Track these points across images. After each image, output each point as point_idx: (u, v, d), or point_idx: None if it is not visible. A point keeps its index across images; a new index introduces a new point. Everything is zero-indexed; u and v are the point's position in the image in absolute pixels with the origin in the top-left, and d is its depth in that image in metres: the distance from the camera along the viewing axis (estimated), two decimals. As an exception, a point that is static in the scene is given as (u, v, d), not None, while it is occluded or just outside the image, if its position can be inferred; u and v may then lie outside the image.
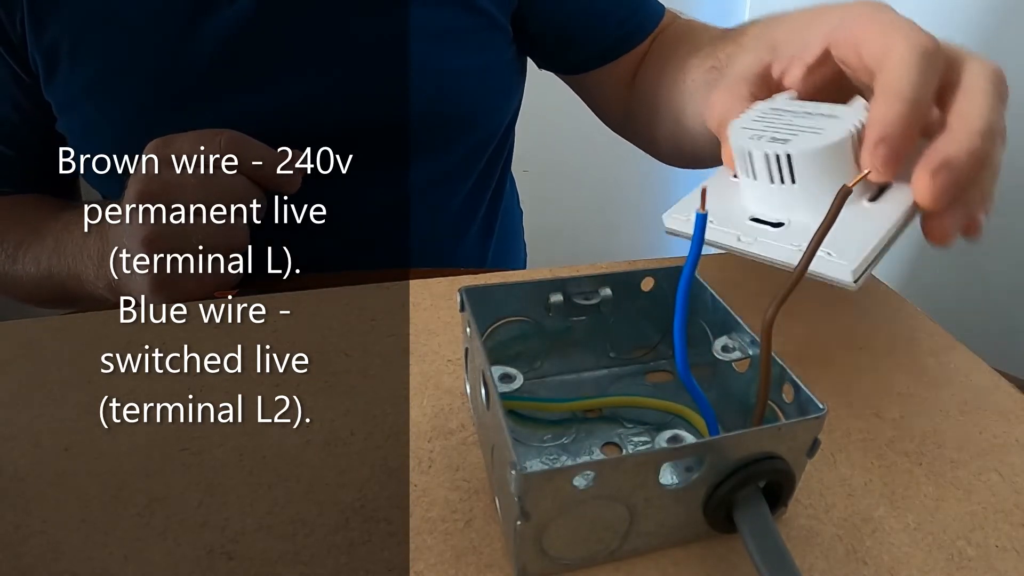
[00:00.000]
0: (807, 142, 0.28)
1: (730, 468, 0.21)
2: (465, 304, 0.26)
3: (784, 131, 0.29)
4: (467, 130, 0.54)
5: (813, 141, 0.28)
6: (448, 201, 0.57)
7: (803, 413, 0.22)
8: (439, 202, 0.56)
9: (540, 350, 0.30)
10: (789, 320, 0.35)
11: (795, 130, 0.29)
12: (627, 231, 1.53)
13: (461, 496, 0.25)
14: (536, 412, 0.28)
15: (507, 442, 0.20)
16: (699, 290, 0.28)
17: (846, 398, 0.30)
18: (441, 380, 0.31)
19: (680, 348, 0.24)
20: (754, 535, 0.21)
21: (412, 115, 0.50)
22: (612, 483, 0.20)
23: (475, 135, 0.56)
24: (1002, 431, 0.29)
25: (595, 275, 0.29)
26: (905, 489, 0.26)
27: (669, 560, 0.23)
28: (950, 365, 0.33)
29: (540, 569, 0.22)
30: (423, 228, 0.56)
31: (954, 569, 0.23)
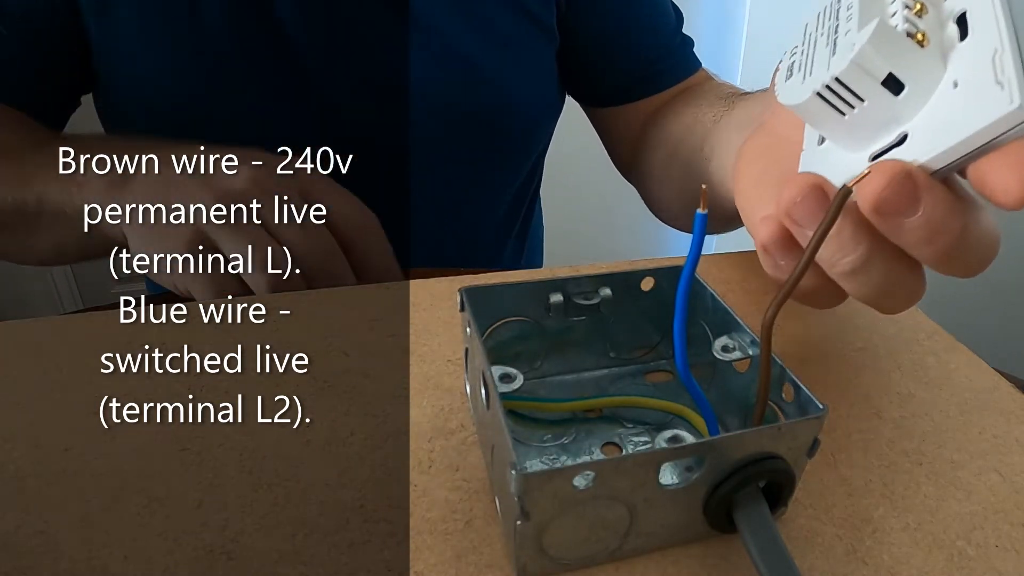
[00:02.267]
0: (841, 52, 0.22)
1: (730, 468, 0.21)
2: (465, 304, 0.26)
3: (816, 56, 0.24)
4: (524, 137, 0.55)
5: (845, 50, 0.22)
6: (495, 206, 0.57)
7: (803, 413, 0.22)
8: (487, 206, 0.57)
9: (540, 350, 0.30)
10: (789, 320, 0.35)
11: (824, 45, 0.23)
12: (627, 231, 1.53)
13: (461, 496, 0.25)
14: (536, 412, 0.28)
15: (507, 442, 0.20)
16: (699, 290, 0.28)
17: (846, 398, 0.30)
18: (441, 380, 0.31)
19: (680, 348, 0.24)
20: (754, 535, 0.21)
21: (468, 119, 0.50)
22: (612, 483, 0.20)
23: (529, 143, 0.56)
24: (1002, 431, 0.29)
25: (595, 275, 0.29)
26: (905, 489, 0.26)
27: (669, 560, 0.23)
28: (950, 365, 0.33)
29: (540, 569, 0.22)
30: (468, 233, 0.57)
31: (954, 569, 0.23)
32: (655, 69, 0.55)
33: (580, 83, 0.58)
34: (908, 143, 0.21)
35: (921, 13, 0.22)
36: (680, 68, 0.56)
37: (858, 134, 0.23)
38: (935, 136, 0.20)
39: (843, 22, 0.23)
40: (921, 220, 0.20)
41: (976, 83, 0.20)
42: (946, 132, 0.20)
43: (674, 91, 0.56)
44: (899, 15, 0.21)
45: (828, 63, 0.22)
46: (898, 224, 0.20)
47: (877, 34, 0.21)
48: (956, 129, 0.20)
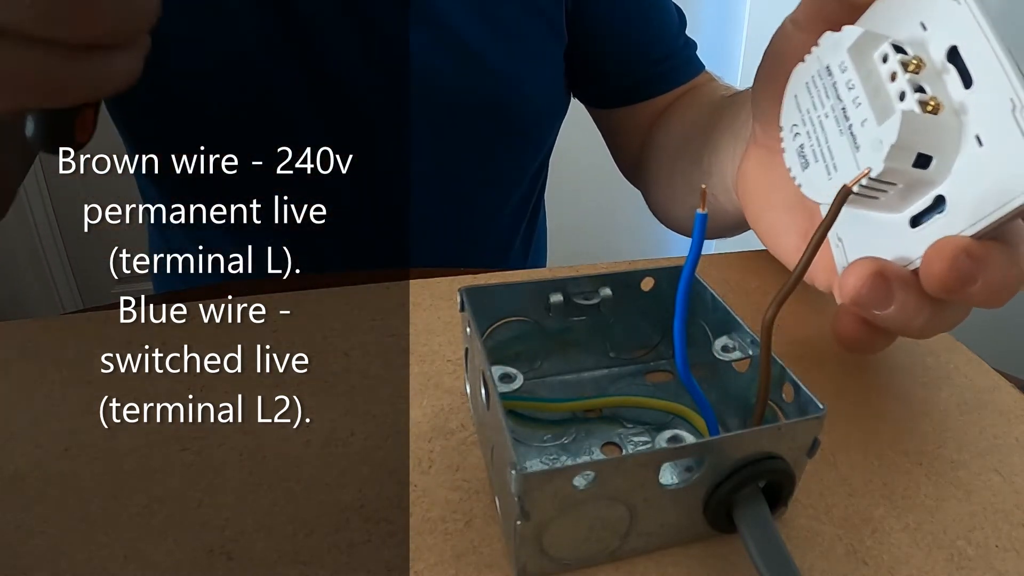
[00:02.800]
0: (868, 151, 0.22)
1: (730, 468, 0.21)
2: (465, 304, 0.26)
3: (832, 146, 0.24)
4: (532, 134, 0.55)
5: (873, 150, 0.22)
6: (502, 206, 0.57)
7: (803, 413, 0.22)
8: (494, 207, 0.57)
9: (540, 350, 0.30)
10: (789, 320, 0.35)
11: (839, 133, 0.23)
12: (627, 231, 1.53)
13: (461, 496, 0.25)
14: (536, 412, 0.28)
15: (507, 442, 0.20)
16: (699, 290, 0.28)
17: (846, 398, 0.30)
18: (441, 380, 0.31)
19: (680, 348, 0.24)
20: (754, 535, 0.21)
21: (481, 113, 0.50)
22: (612, 483, 0.20)
23: (536, 139, 0.56)
24: (1002, 431, 0.29)
25: (595, 275, 0.29)
26: (905, 489, 0.26)
27: (669, 560, 0.23)
28: (950, 365, 0.33)
29: (540, 569, 0.22)
30: (473, 234, 0.57)
31: (954, 569, 0.23)
32: (658, 70, 0.55)
33: (585, 84, 0.58)
34: (950, 214, 0.22)
35: (919, 68, 0.22)
36: (683, 70, 0.56)
37: (892, 204, 0.23)
38: (977, 206, 0.21)
39: (851, 106, 0.23)
40: (983, 285, 0.21)
41: (1005, 145, 0.20)
42: (988, 201, 0.20)
43: (678, 93, 0.56)
44: (906, 90, 0.21)
45: (855, 160, 0.22)
46: (963, 294, 0.21)
47: (904, 128, 0.21)
48: (999, 198, 0.20)
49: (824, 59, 0.24)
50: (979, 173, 0.21)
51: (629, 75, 0.56)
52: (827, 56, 0.24)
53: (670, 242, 1.54)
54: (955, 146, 0.21)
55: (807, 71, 0.25)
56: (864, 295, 0.23)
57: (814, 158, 0.24)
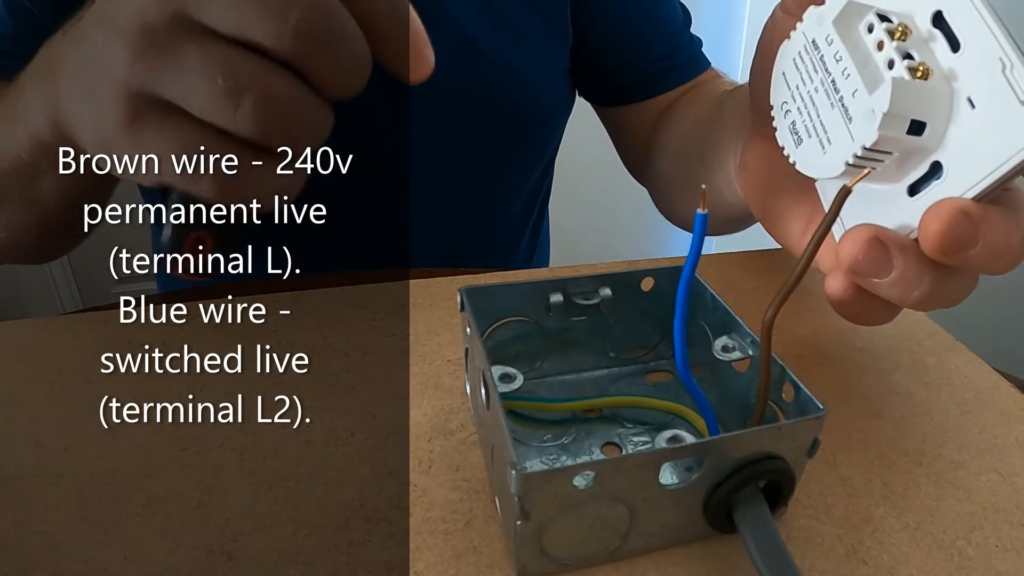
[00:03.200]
0: (862, 121, 0.22)
1: (730, 468, 0.21)
2: (465, 304, 0.26)
3: (824, 120, 0.23)
4: (535, 133, 0.55)
5: (865, 120, 0.21)
6: (505, 208, 0.57)
7: (803, 413, 0.22)
8: (499, 207, 0.56)
9: (540, 350, 0.30)
10: (789, 320, 0.35)
11: (830, 107, 0.23)
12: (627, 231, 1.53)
13: (461, 496, 0.25)
14: (536, 412, 0.28)
15: (507, 442, 0.20)
16: (699, 290, 0.28)
17: (846, 398, 0.30)
18: (441, 380, 0.31)
19: (680, 348, 0.24)
20: (754, 535, 0.21)
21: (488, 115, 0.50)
22: (612, 483, 0.20)
23: (541, 138, 0.56)
24: (1002, 431, 0.29)
25: (595, 275, 0.29)
26: (905, 489, 0.26)
27: (669, 560, 0.23)
28: (950, 365, 0.33)
29: (540, 569, 0.22)
30: (477, 235, 0.56)
31: (954, 569, 0.23)
32: (663, 67, 0.55)
33: (590, 81, 0.58)
34: (948, 179, 0.21)
35: (906, 35, 0.21)
36: (688, 67, 0.56)
37: (889, 175, 0.23)
38: (974, 168, 0.20)
39: (840, 78, 0.23)
40: (983, 247, 0.20)
41: (997, 105, 0.20)
42: (984, 162, 0.20)
43: (683, 90, 0.56)
44: (894, 57, 0.21)
45: (848, 131, 0.22)
46: (962, 257, 0.21)
47: (895, 96, 0.20)
48: (995, 158, 0.20)
49: (810, 33, 0.24)
50: (974, 135, 0.20)
51: (633, 72, 0.56)
52: (812, 30, 0.24)
53: (670, 242, 1.54)
54: (947, 111, 0.21)
55: (793, 47, 0.25)
56: (862, 261, 0.22)
57: (807, 134, 0.24)
